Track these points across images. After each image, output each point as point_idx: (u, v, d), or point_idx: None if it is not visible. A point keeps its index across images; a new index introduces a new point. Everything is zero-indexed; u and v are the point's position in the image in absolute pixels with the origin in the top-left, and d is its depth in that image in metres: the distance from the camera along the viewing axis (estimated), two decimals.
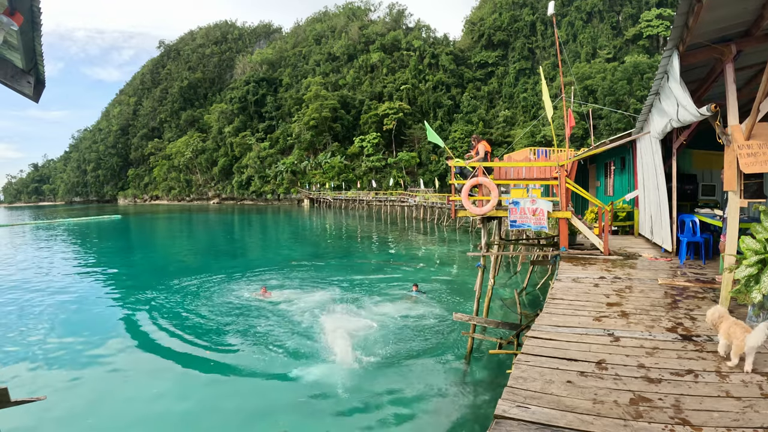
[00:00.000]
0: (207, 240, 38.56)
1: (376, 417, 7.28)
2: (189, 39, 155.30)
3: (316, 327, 11.14)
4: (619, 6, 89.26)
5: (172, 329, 11.70)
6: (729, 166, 5.07)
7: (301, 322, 11.63)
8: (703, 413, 2.95)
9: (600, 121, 61.99)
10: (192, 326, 11.99)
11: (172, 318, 12.81)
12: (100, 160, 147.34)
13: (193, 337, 10.93)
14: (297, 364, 9.10)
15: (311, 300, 14.02)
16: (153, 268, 22.32)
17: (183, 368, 9.25)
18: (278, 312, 12.70)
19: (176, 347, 10.42)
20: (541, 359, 3.90)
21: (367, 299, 14.18)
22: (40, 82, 3.88)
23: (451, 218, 28.40)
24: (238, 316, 12.62)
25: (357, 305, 13.42)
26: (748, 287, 4.46)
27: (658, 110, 8.06)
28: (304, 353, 9.61)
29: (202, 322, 12.30)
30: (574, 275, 7.39)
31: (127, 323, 12.57)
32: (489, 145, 11.15)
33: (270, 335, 10.87)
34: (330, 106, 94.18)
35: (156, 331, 11.68)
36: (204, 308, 13.69)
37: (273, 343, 10.25)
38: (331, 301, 14.03)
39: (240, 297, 14.59)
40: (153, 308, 13.91)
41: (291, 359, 9.38)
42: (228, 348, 10.22)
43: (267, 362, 9.32)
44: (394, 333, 10.77)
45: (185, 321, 12.50)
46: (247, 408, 7.59)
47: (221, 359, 9.57)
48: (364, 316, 12.12)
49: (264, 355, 9.68)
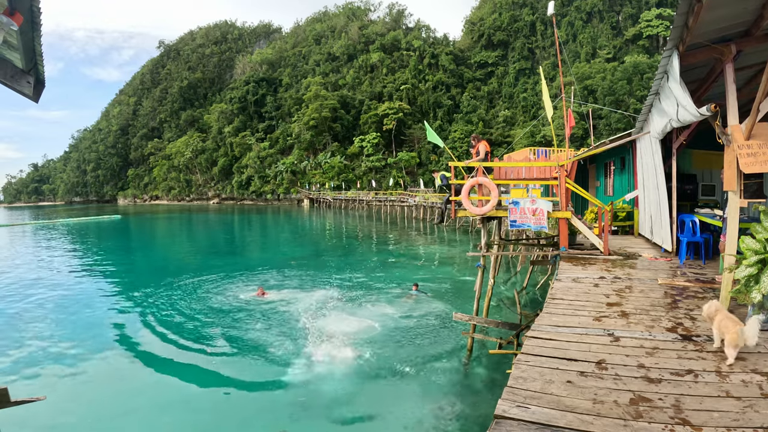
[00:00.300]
0: (207, 240, 38.57)
1: (375, 417, 7.28)
2: (189, 39, 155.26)
3: (315, 327, 11.13)
4: (618, 6, 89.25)
5: (172, 330, 11.70)
6: (729, 166, 5.07)
7: (301, 322, 11.62)
8: (703, 413, 2.95)
9: (600, 121, 62.00)
10: (192, 327, 11.99)
11: (171, 319, 12.81)
12: (99, 160, 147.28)
13: (192, 338, 10.93)
14: (297, 365, 9.10)
15: (311, 300, 14.02)
16: (152, 268, 22.31)
17: (182, 369, 9.23)
18: (278, 312, 12.70)
19: (175, 348, 10.41)
20: (541, 359, 3.90)
21: (367, 299, 14.18)
22: (39, 82, 3.88)
23: (451, 218, 28.47)
24: (238, 317, 12.62)
25: (357, 305, 13.42)
26: (748, 287, 4.46)
27: (658, 110, 8.06)
28: (305, 354, 9.60)
29: (202, 323, 12.29)
30: (574, 275, 7.39)
31: (127, 324, 12.57)
32: (489, 145, 11.15)
33: (270, 336, 10.86)
34: (330, 106, 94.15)
35: (156, 332, 11.68)
36: (203, 309, 13.69)
37: (272, 344, 10.25)
38: (331, 300, 14.03)
39: (238, 298, 14.59)
40: (152, 309, 13.90)
41: (291, 359, 9.37)
42: (228, 349, 10.22)
43: (268, 363, 9.32)
44: (394, 333, 10.76)
45: (184, 322, 12.50)
46: (248, 409, 7.58)
47: (221, 361, 9.56)
48: (363, 316, 12.12)
49: (265, 356, 9.68)
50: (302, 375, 8.63)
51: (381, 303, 13.58)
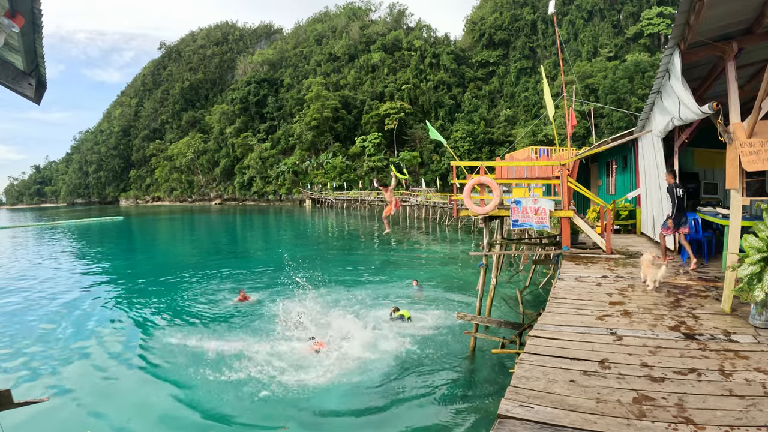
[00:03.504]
0: (209, 241, 38.61)
1: (378, 416, 7.28)
2: (190, 40, 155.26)
3: (315, 328, 11.14)
4: (619, 4, 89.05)
5: (171, 332, 11.74)
6: (731, 164, 5.06)
7: (300, 323, 11.62)
8: (706, 412, 2.94)
9: (601, 119, 61.89)
10: (191, 329, 12.02)
11: (171, 320, 12.85)
12: (101, 162, 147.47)
13: (191, 341, 10.93)
14: (297, 365, 9.11)
15: (312, 301, 14.03)
16: (155, 270, 22.33)
17: (182, 371, 9.25)
18: (278, 314, 12.70)
19: (174, 350, 10.43)
20: (544, 358, 3.90)
21: (369, 298, 14.20)
22: (41, 84, 3.89)
23: (453, 218, 28.36)
24: (242, 320, 12.64)
25: (360, 305, 13.44)
26: (751, 285, 4.45)
27: (660, 108, 8.05)
28: (304, 354, 9.61)
29: (202, 326, 12.33)
30: (577, 274, 7.38)
31: (129, 327, 12.62)
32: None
33: (270, 336, 10.88)
34: (331, 106, 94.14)
35: (156, 335, 11.71)
36: (204, 311, 13.73)
37: (273, 345, 10.25)
38: (333, 300, 14.05)
39: (235, 301, 14.61)
40: (153, 310, 13.95)
41: (291, 359, 9.38)
42: (227, 350, 10.22)
43: (269, 363, 9.32)
44: (396, 333, 10.76)
45: (184, 324, 12.54)
46: (249, 410, 7.59)
47: (221, 363, 9.57)
48: (366, 315, 12.12)
49: (265, 355, 9.68)
50: (303, 376, 8.63)
51: (383, 302, 13.58)
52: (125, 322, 12.91)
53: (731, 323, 4.72)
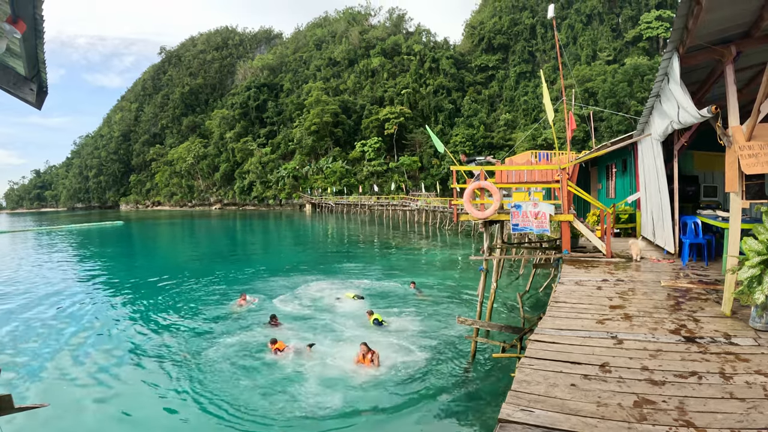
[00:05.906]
0: (209, 246, 38.60)
1: (379, 421, 7.26)
2: (190, 45, 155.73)
3: (315, 329, 11.12)
4: (618, 8, 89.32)
5: (173, 336, 11.72)
6: (730, 167, 5.07)
7: (301, 324, 11.61)
8: (707, 415, 2.93)
9: (601, 123, 61.98)
10: (193, 333, 11.99)
11: (172, 324, 12.83)
12: (102, 166, 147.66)
13: (193, 345, 10.92)
14: (297, 366, 9.10)
15: (312, 302, 14.02)
16: (155, 274, 22.31)
17: (184, 375, 9.24)
18: (279, 315, 12.69)
19: (175, 354, 10.42)
20: (544, 362, 3.89)
21: (368, 300, 14.17)
22: (42, 89, 3.90)
23: (453, 222, 28.31)
24: (242, 323, 12.62)
25: (359, 307, 13.40)
26: (751, 288, 4.45)
27: (659, 112, 8.06)
28: (303, 358, 9.60)
29: (203, 329, 12.30)
30: (577, 278, 7.37)
31: (129, 331, 12.59)
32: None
33: (275, 335, 10.85)
34: (331, 110, 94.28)
35: (157, 339, 11.70)
36: (205, 315, 13.70)
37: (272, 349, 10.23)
38: (333, 302, 14.03)
39: (236, 304, 14.59)
40: (154, 314, 13.93)
41: (292, 363, 9.37)
42: (231, 355, 10.21)
43: (270, 366, 9.31)
44: (397, 337, 10.75)
45: (185, 328, 12.51)
46: (249, 411, 7.57)
47: (222, 366, 9.56)
48: (365, 318, 12.10)
49: (265, 355, 9.67)
50: (303, 376, 8.62)
51: (382, 306, 13.56)
52: (126, 326, 12.89)
53: (731, 326, 4.72)
